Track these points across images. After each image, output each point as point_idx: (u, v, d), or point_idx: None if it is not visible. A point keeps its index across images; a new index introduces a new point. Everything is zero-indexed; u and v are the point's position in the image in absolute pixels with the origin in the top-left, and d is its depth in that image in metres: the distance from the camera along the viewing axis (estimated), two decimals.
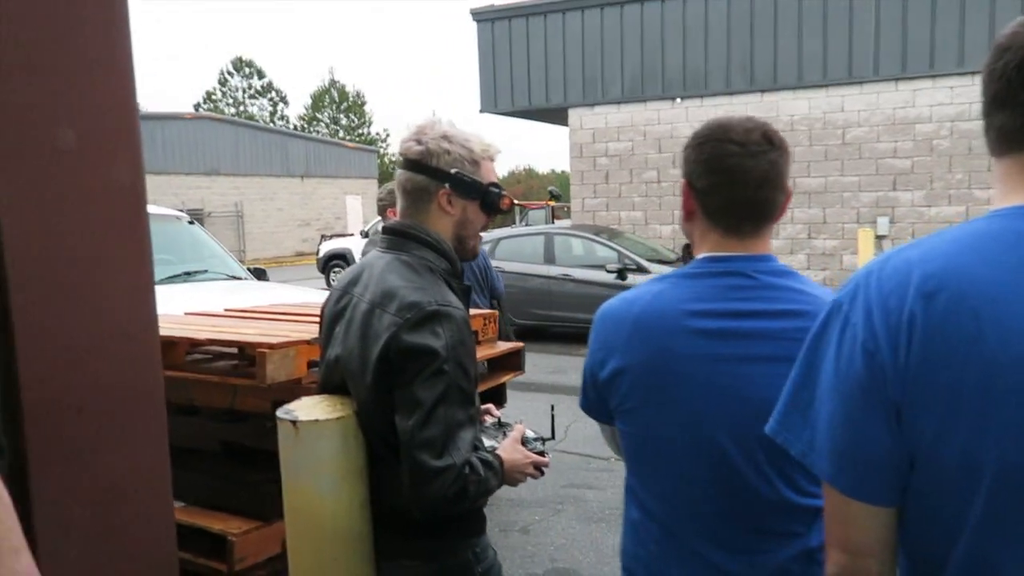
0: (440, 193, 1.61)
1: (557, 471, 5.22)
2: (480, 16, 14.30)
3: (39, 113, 0.92)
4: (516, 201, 1.86)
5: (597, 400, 1.51)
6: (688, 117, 12.75)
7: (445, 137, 1.60)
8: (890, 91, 11.45)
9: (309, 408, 1.53)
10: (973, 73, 10.94)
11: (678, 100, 12.82)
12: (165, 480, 1.12)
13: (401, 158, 1.64)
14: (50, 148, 0.93)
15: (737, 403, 1.29)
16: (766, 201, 1.35)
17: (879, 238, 11.45)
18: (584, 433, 6.23)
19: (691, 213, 1.43)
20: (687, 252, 1.48)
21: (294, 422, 1.49)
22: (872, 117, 11.57)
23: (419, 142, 1.61)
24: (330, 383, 1.64)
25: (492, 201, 1.63)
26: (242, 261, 6.18)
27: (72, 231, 0.97)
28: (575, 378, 8.33)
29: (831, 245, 11.98)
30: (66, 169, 0.96)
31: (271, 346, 2.08)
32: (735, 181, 1.34)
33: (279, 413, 1.53)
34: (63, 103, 0.96)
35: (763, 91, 12.20)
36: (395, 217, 3.88)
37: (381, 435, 1.54)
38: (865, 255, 10.56)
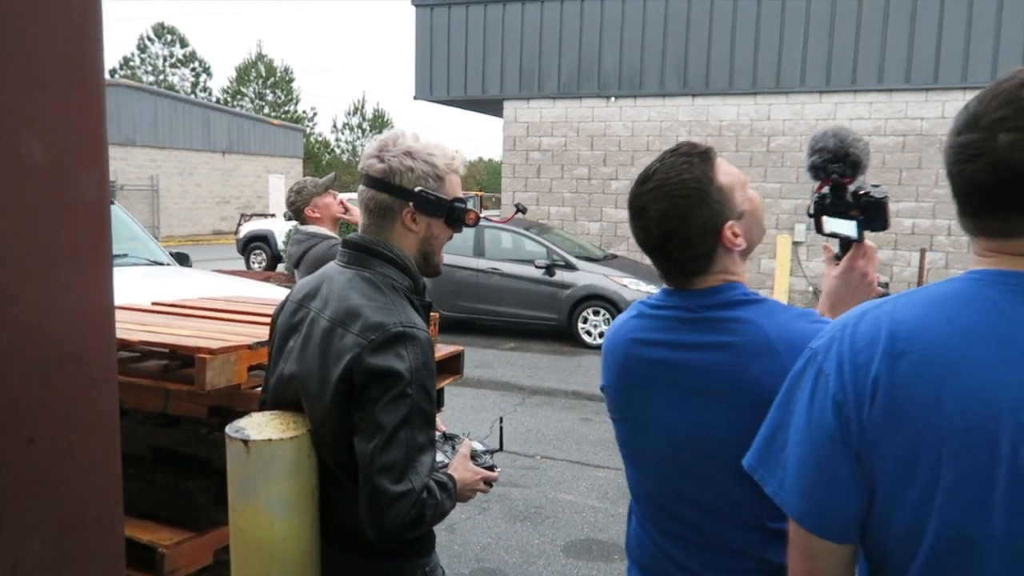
0: (404, 212, 1.57)
1: (501, 471, 5.25)
2: (420, 1, 14.10)
3: (4, 123, 0.85)
4: (483, 216, 1.84)
5: None
6: (622, 116, 12.93)
7: (408, 153, 1.56)
8: (814, 103, 11.90)
9: (261, 426, 1.48)
10: (891, 90, 11.48)
11: (612, 99, 12.97)
12: (118, 508, 1.06)
13: (363, 175, 1.60)
14: (15, 162, 0.86)
15: (669, 430, 1.38)
16: (674, 259, 1.37)
17: (796, 244, 11.90)
18: (510, 430, 6.26)
19: None
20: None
21: (245, 441, 1.43)
22: (796, 127, 11.99)
23: (381, 159, 1.56)
24: (282, 399, 1.59)
25: (457, 217, 1.61)
26: (155, 238, 5.91)
27: (30, 251, 0.91)
28: (501, 372, 8.38)
29: None
30: (29, 185, 0.89)
31: (211, 351, 1.99)
32: (640, 244, 1.40)
33: (228, 431, 1.47)
34: (29, 113, 0.89)
35: (695, 95, 12.48)
36: (315, 215, 3.83)
37: (336, 456, 1.50)
38: (782, 260, 10.95)
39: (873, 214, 1.46)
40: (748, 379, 1.27)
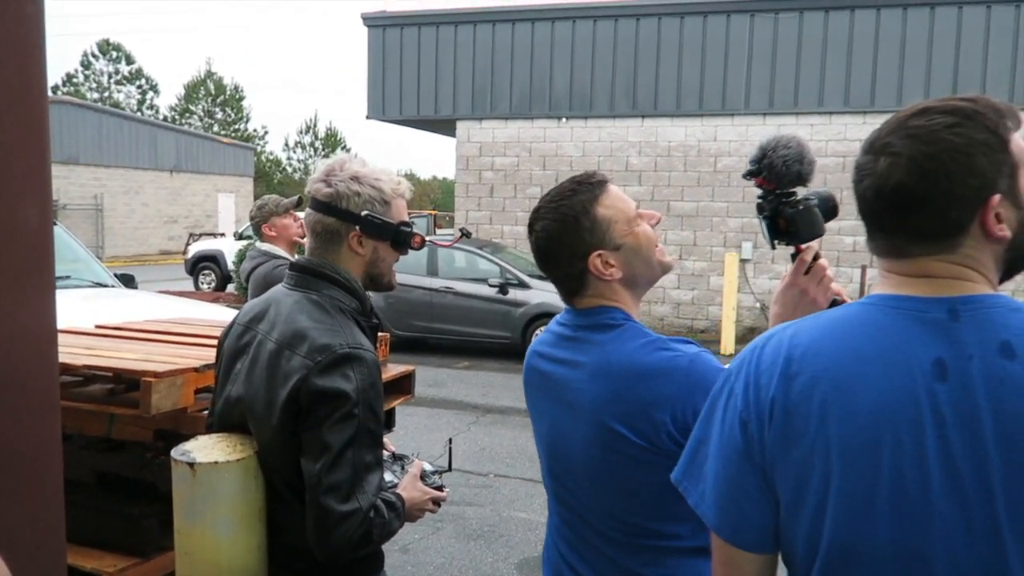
0: (351, 235, 1.60)
1: (450, 491, 5.23)
2: (371, 21, 14.12)
3: None
4: (429, 238, 1.88)
5: None
6: (573, 137, 13.10)
7: (355, 178, 1.59)
8: (758, 124, 12.22)
9: (207, 449, 1.48)
10: (830, 113, 11.88)
11: (564, 120, 13.14)
12: (61, 535, 1.06)
13: (310, 199, 1.62)
14: None
15: (545, 437, 1.50)
16: (552, 278, 1.49)
17: (743, 262, 12.17)
18: (464, 449, 6.26)
19: None
20: None
21: (191, 464, 1.44)
22: (742, 148, 12.30)
23: (328, 184, 1.59)
24: (228, 421, 1.59)
25: (403, 240, 1.64)
26: (100, 258, 5.77)
27: None
28: (454, 391, 8.37)
29: (700, 267, 12.63)
30: None
31: (157, 374, 1.98)
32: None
33: (174, 454, 1.47)
34: None
35: (644, 116, 12.72)
36: (271, 233, 3.84)
37: (284, 477, 1.51)
38: (730, 278, 11.17)
39: (790, 226, 1.49)
40: (588, 397, 1.37)
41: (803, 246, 1.53)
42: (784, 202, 1.48)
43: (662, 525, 1.35)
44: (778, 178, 1.45)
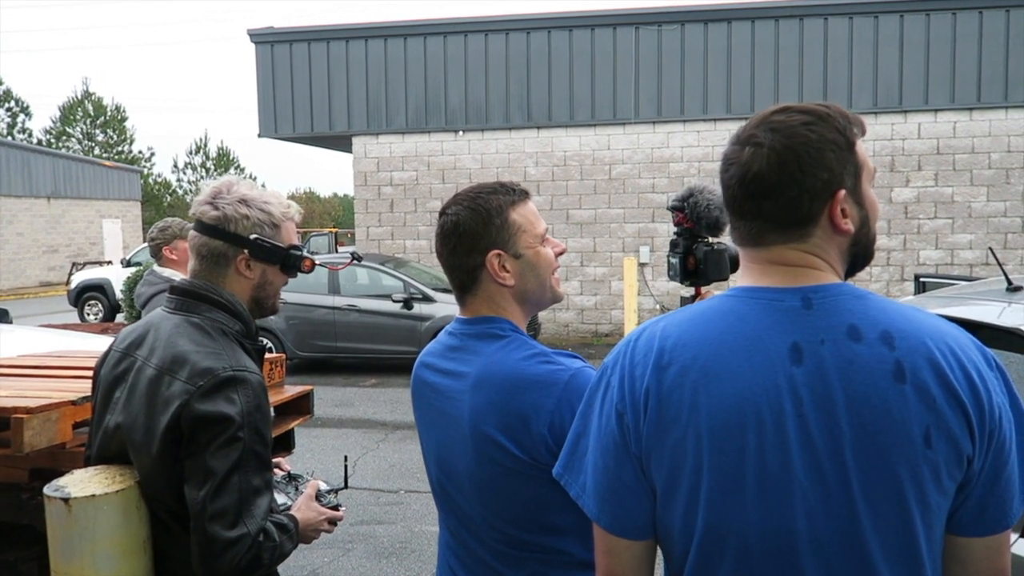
0: (238, 258, 1.57)
1: (346, 509, 5.13)
2: (258, 37, 13.79)
3: None
4: (320, 262, 1.86)
5: None
6: (470, 149, 13.18)
7: (243, 201, 1.57)
8: (648, 132, 12.65)
9: (83, 483, 1.42)
10: (715, 120, 12.43)
11: (460, 132, 13.21)
12: None
13: (196, 221, 1.58)
14: None
15: (433, 449, 1.49)
16: (447, 265, 1.46)
17: (642, 265, 12.54)
18: (374, 467, 6.17)
19: None
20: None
21: (66, 499, 1.37)
22: (634, 155, 12.70)
23: (215, 206, 1.56)
24: (107, 452, 1.53)
25: (293, 264, 1.62)
26: None
27: None
28: (362, 410, 8.25)
29: (601, 272, 12.92)
30: None
31: (29, 410, 1.88)
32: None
33: (47, 491, 1.40)
34: None
35: (539, 127, 12.93)
36: (173, 256, 3.70)
37: (167, 506, 1.46)
38: (630, 281, 11.49)
39: (700, 264, 1.59)
40: (467, 408, 1.37)
41: (703, 290, 1.62)
42: (699, 241, 1.59)
43: (542, 538, 1.35)
44: (698, 218, 1.56)
